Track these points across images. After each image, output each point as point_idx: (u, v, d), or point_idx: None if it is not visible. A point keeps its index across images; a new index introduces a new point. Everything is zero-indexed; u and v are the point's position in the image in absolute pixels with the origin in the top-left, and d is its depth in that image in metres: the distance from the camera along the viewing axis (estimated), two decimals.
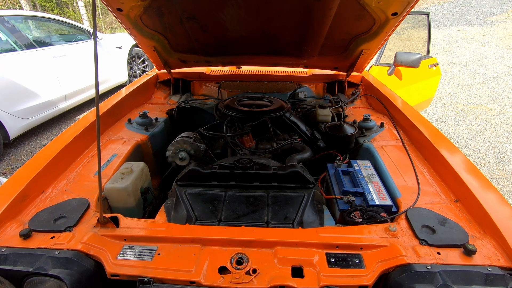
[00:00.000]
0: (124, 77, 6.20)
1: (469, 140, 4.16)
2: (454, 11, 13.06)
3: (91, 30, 5.22)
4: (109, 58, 5.70)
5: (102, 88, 5.57)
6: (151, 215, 1.42)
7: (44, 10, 13.23)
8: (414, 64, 2.71)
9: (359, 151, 1.73)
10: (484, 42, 9.45)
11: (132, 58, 6.67)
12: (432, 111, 5.12)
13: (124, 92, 2.17)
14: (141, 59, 6.82)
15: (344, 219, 1.18)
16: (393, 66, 3.12)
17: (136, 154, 1.67)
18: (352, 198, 1.24)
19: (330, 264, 0.94)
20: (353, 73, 2.38)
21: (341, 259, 0.96)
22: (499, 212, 1.03)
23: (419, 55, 2.70)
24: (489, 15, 11.86)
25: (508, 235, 0.95)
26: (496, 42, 9.32)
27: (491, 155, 3.77)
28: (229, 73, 2.66)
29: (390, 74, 3.20)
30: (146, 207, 1.48)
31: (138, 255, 0.99)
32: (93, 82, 4.97)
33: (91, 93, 5.15)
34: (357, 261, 0.95)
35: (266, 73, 2.64)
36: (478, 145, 4.03)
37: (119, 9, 1.62)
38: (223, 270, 0.93)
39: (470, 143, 4.09)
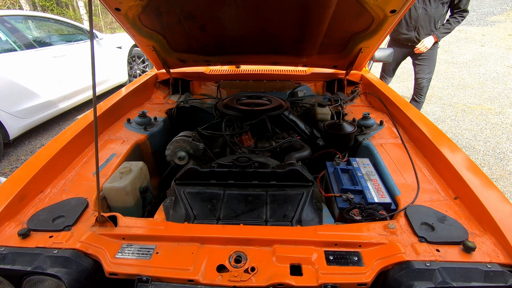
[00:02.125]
0: (124, 77, 6.20)
1: (469, 140, 4.16)
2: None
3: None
4: (109, 58, 5.70)
5: (102, 88, 5.57)
6: (150, 214, 1.41)
7: (44, 10, 13.25)
8: (388, 59, 2.80)
9: (358, 149, 1.73)
10: (484, 42, 9.43)
11: (132, 58, 6.67)
12: (432, 111, 5.11)
13: (123, 92, 2.17)
14: (141, 59, 6.83)
15: (343, 217, 1.18)
16: (372, 63, 3.18)
17: (135, 154, 1.66)
18: (351, 196, 1.24)
19: (328, 261, 0.94)
20: (353, 72, 2.38)
21: (340, 257, 0.95)
22: (498, 209, 1.02)
23: (392, 50, 2.79)
24: (489, 15, 11.84)
25: (507, 232, 0.94)
26: (496, 42, 9.30)
27: (491, 155, 3.77)
28: (228, 73, 2.66)
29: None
30: (145, 206, 1.48)
31: (137, 254, 0.98)
32: None
33: (91, 93, 5.14)
34: (356, 258, 0.95)
35: (265, 72, 2.64)
36: (478, 145, 4.02)
37: (117, 9, 1.62)
38: (221, 268, 0.93)
39: (470, 143, 4.08)
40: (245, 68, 2.77)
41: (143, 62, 6.87)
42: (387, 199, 1.20)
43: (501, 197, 1.09)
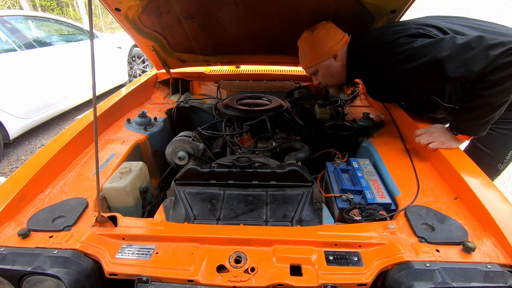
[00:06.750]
0: (124, 78, 6.20)
1: None
2: (454, 11, 13.04)
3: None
4: (109, 58, 5.70)
5: (102, 89, 5.57)
6: (150, 214, 1.41)
7: (44, 10, 13.25)
8: None
9: (358, 149, 1.73)
10: None
11: (132, 58, 6.67)
12: None
13: (123, 92, 2.17)
14: (141, 59, 6.82)
15: (343, 217, 1.18)
16: None
17: (135, 154, 1.66)
18: (351, 196, 1.24)
19: (328, 262, 0.94)
20: None
21: (340, 257, 0.95)
22: (498, 210, 1.02)
23: None
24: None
25: (507, 232, 0.94)
26: None
27: None
28: (228, 73, 2.67)
29: None
30: (145, 207, 1.48)
31: (137, 254, 0.98)
32: None
33: (91, 93, 5.13)
34: (356, 259, 0.95)
35: (265, 72, 2.64)
36: None
37: (117, 9, 1.63)
38: (221, 268, 0.93)
39: None
40: (245, 68, 2.77)
41: (143, 62, 6.87)
42: (387, 199, 1.20)
43: (501, 197, 1.09)
